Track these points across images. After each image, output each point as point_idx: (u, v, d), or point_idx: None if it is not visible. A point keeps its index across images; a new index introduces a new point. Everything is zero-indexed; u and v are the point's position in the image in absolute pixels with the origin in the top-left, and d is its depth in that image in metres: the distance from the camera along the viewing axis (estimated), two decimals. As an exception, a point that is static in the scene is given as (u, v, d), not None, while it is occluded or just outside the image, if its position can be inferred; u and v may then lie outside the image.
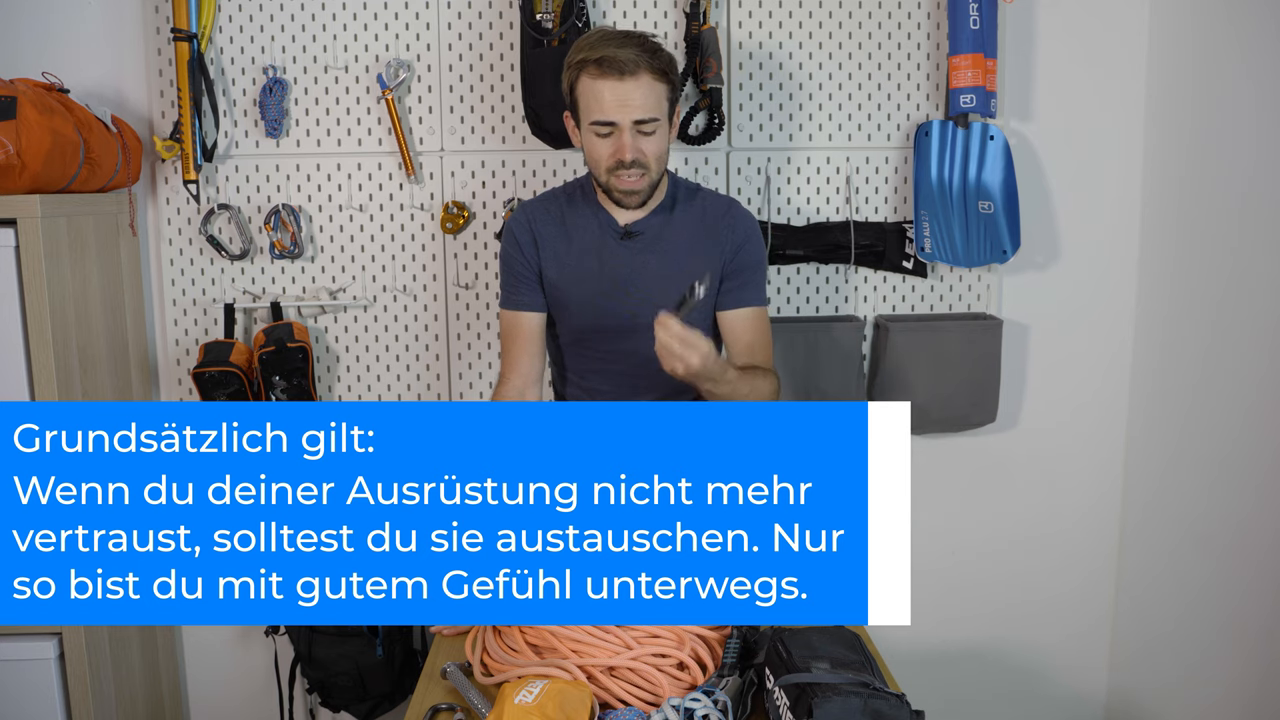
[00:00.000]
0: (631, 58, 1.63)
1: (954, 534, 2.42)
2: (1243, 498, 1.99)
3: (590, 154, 1.72)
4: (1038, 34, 2.26)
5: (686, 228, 1.79)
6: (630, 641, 1.43)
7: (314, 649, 2.18)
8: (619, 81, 1.63)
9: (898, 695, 1.27)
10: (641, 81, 1.64)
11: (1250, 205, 1.96)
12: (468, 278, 2.27)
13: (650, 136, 1.68)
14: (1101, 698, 2.50)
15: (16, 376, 1.87)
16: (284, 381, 2.16)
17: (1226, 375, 2.04)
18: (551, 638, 1.45)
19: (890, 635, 2.34)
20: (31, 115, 1.81)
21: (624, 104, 1.64)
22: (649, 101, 1.65)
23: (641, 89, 1.64)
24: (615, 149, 1.67)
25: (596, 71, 1.65)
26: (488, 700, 1.44)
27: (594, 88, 1.65)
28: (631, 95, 1.64)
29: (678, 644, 1.44)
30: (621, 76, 1.63)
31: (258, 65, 2.20)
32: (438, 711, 1.45)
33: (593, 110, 1.67)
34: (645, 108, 1.65)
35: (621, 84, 1.64)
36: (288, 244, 2.23)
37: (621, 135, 1.66)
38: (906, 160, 2.26)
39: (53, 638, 1.95)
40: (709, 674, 1.45)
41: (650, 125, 1.67)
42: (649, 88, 1.65)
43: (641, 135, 1.67)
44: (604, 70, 1.64)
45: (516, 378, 1.83)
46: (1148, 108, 2.28)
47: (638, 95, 1.64)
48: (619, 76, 1.63)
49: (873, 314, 2.32)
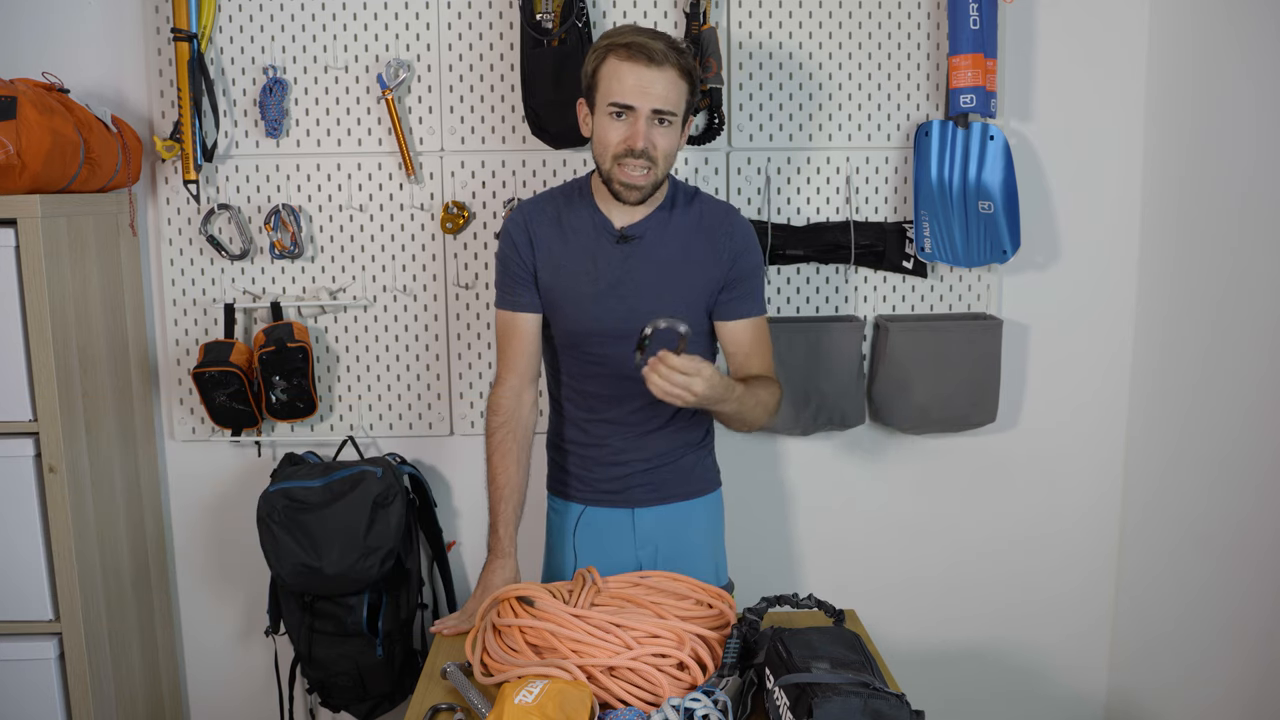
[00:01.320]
0: (661, 49, 1.64)
1: (954, 534, 2.42)
2: (1243, 498, 1.99)
3: (600, 138, 1.71)
4: (1038, 34, 2.26)
5: (683, 232, 1.79)
6: (630, 641, 1.43)
7: (314, 649, 2.18)
8: (646, 68, 1.64)
9: (898, 695, 1.27)
10: (667, 74, 1.65)
11: (1250, 205, 1.96)
12: (468, 278, 2.27)
13: (664, 130, 1.68)
14: (1101, 698, 2.50)
15: (16, 376, 1.87)
16: (284, 381, 2.16)
17: (1226, 375, 2.04)
18: (551, 638, 1.45)
19: (890, 635, 2.35)
20: (31, 115, 1.81)
21: (646, 91, 1.64)
22: (671, 95, 1.66)
23: (666, 80, 1.65)
24: (628, 134, 1.67)
25: (625, 54, 1.65)
26: (488, 700, 1.44)
27: (619, 70, 1.65)
28: (655, 84, 1.64)
29: (678, 644, 1.44)
30: (650, 63, 1.64)
31: (258, 65, 2.20)
32: (438, 711, 1.45)
33: (613, 91, 1.66)
34: (666, 99, 1.66)
35: (648, 70, 1.64)
36: (288, 244, 2.22)
37: (637, 122, 1.66)
38: (906, 160, 2.26)
39: (53, 638, 1.95)
40: (709, 674, 1.45)
41: (667, 118, 1.67)
42: (673, 82, 1.66)
43: (656, 127, 1.67)
44: (633, 54, 1.64)
45: (513, 378, 1.83)
46: (1148, 108, 2.28)
47: (661, 85, 1.65)
48: (647, 63, 1.64)
49: (873, 314, 2.31)
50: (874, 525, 2.42)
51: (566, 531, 1.89)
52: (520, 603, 1.52)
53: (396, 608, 2.20)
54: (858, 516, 2.41)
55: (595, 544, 1.86)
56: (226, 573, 2.38)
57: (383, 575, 2.11)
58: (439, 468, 2.37)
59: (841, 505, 2.41)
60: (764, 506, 2.37)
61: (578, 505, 1.88)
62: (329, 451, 2.29)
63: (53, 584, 1.94)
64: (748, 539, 2.27)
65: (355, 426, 2.32)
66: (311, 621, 2.16)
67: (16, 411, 1.89)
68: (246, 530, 2.19)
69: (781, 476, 2.40)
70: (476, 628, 1.59)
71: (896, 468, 2.39)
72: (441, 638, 1.71)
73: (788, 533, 2.41)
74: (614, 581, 1.62)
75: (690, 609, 1.56)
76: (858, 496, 2.40)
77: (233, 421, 2.20)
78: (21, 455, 1.90)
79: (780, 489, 2.40)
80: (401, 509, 2.11)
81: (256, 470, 2.33)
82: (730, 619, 1.57)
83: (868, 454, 2.39)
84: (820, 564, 2.43)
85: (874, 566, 2.42)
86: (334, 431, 2.32)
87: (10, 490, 1.91)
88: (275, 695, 2.36)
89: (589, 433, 1.85)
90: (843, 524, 2.41)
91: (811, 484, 2.40)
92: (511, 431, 1.81)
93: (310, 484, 2.10)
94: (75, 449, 1.95)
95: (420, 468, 2.32)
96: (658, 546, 1.85)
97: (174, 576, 2.39)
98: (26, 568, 1.93)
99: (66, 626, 1.95)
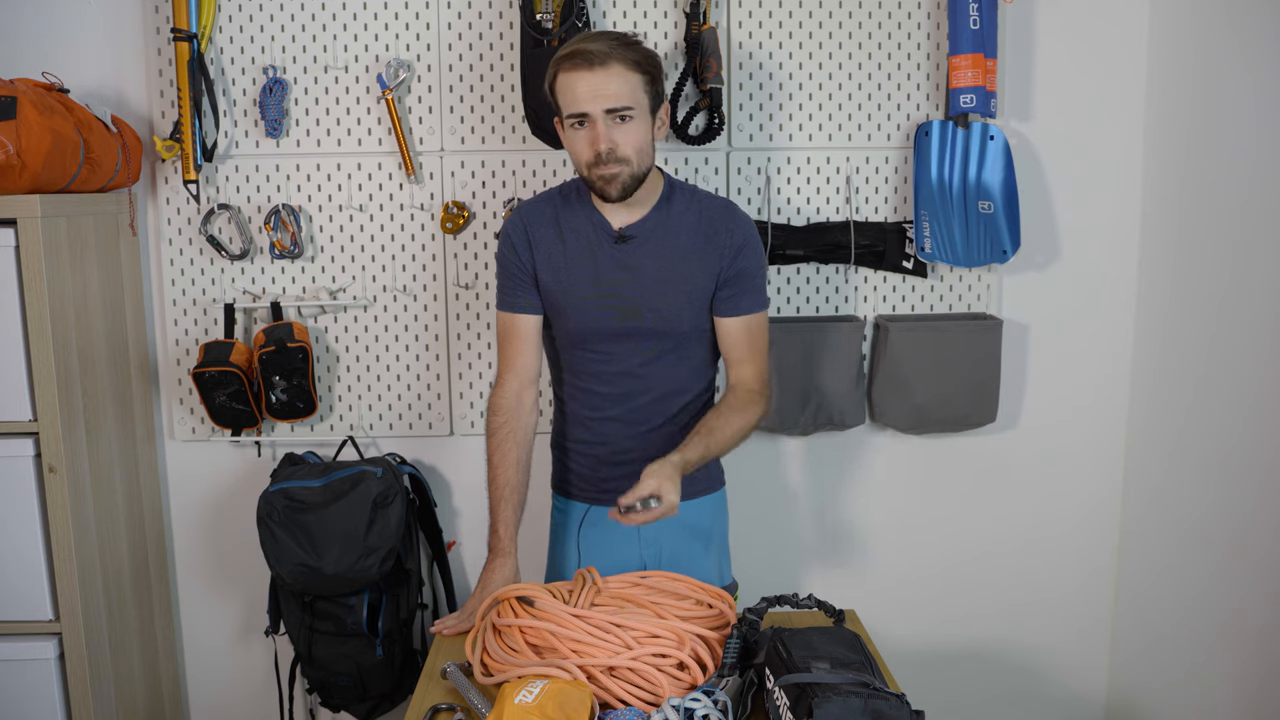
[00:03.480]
0: (602, 49, 1.64)
1: (954, 534, 2.42)
2: (1243, 498, 1.99)
3: (571, 151, 1.73)
4: (1038, 34, 2.26)
5: (683, 230, 1.79)
6: (630, 641, 1.43)
7: (314, 649, 2.18)
8: (589, 72, 1.64)
9: (898, 695, 1.27)
10: (612, 71, 1.64)
11: (1250, 205, 1.96)
12: (468, 278, 2.27)
13: (625, 127, 1.67)
14: (1101, 698, 2.50)
15: (16, 376, 1.87)
16: (284, 381, 2.16)
17: (1227, 375, 2.04)
18: (551, 638, 1.45)
19: (890, 635, 2.35)
20: (31, 115, 1.81)
21: (595, 94, 1.65)
22: (622, 90, 1.65)
23: (613, 78, 1.65)
24: (590, 140, 1.67)
25: (569, 65, 1.66)
26: (488, 700, 1.44)
27: (568, 81, 1.67)
28: (603, 85, 1.64)
29: (678, 644, 1.44)
30: (591, 67, 1.64)
31: (258, 65, 2.20)
32: (438, 711, 1.45)
33: (568, 104, 1.68)
34: (618, 96, 1.65)
35: (592, 74, 1.64)
36: (288, 244, 2.22)
37: (595, 126, 1.66)
38: (906, 160, 2.26)
39: (53, 638, 1.95)
40: (709, 674, 1.45)
41: (624, 114, 1.66)
42: (621, 77, 1.65)
43: (615, 125, 1.67)
44: (575, 63, 1.65)
45: (513, 378, 1.83)
46: (1148, 107, 2.28)
47: (610, 85, 1.65)
48: (589, 67, 1.64)
49: (873, 314, 2.31)
50: (874, 525, 2.41)
51: (570, 530, 1.89)
52: (520, 603, 1.52)
53: (396, 608, 2.20)
54: (858, 517, 2.41)
55: (599, 543, 1.86)
56: (226, 573, 2.38)
57: (383, 575, 2.11)
58: (439, 468, 2.37)
59: (841, 505, 2.41)
60: (763, 506, 2.37)
61: (582, 504, 1.88)
62: (329, 451, 2.29)
63: (53, 584, 1.94)
64: (747, 539, 2.26)
65: (355, 426, 2.32)
66: (311, 621, 2.16)
67: (16, 411, 1.89)
68: (246, 530, 2.19)
69: (781, 476, 2.40)
70: (476, 628, 1.59)
71: (896, 468, 2.39)
72: (441, 638, 1.71)
73: (787, 533, 2.41)
74: (614, 581, 1.62)
75: (690, 609, 1.56)
76: (858, 497, 2.40)
77: (233, 421, 2.20)
78: (21, 455, 1.90)
79: (780, 489, 2.40)
80: (401, 509, 2.11)
81: (256, 470, 2.33)
82: (730, 619, 1.57)
83: (868, 454, 2.39)
84: (820, 564, 2.43)
85: (874, 566, 2.42)
86: (334, 431, 2.32)
87: (10, 490, 1.91)
88: (275, 695, 2.36)
89: (593, 431, 1.85)
90: (842, 524, 2.41)
91: (811, 484, 2.40)
92: (512, 432, 1.81)
93: (310, 484, 2.10)
94: (75, 449, 1.95)
95: (420, 468, 2.32)
96: (662, 546, 1.85)
97: (174, 576, 2.39)
98: (26, 568, 1.93)
99: (66, 626, 1.95)
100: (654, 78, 1.70)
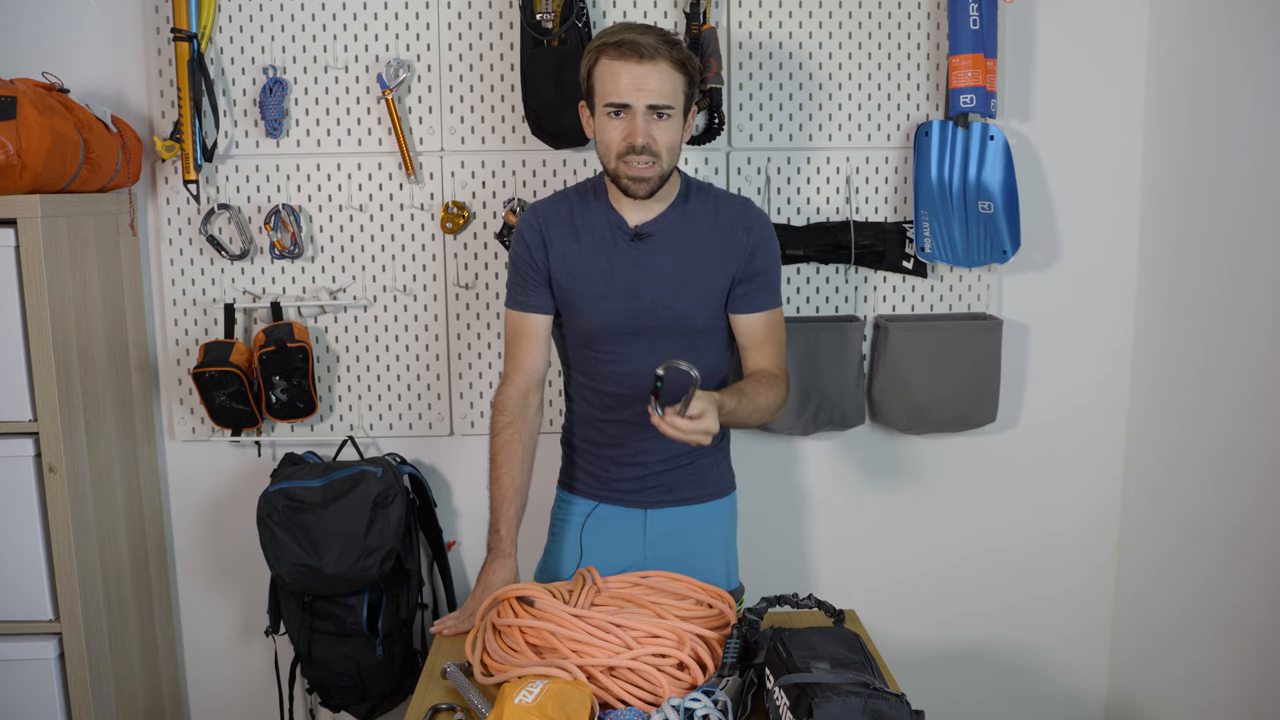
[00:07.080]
0: (651, 44, 1.64)
1: (954, 534, 2.42)
2: (1243, 496, 1.99)
3: (601, 139, 1.71)
4: (1038, 34, 2.26)
5: (699, 228, 1.78)
6: (630, 641, 1.43)
7: (314, 649, 2.18)
8: (637, 64, 1.64)
9: (898, 695, 1.27)
10: (659, 67, 1.64)
11: (1250, 205, 1.96)
12: (468, 278, 2.27)
13: (662, 124, 1.67)
14: (1101, 698, 2.50)
15: (16, 376, 1.88)
16: (284, 381, 2.16)
17: (1226, 374, 2.04)
18: (551, 638, 1.45)
19: (890, 635, 2.35)
20: (31, 115, 1.81)
21: (640, 87, 1.65)
22: (665, 88, 1.66)
23: (659, 74, 1.65)
24: (627, 132, 1.67)
25: (615, 54, 1.65)
26: (488, 700, 1.44)
27: (611, 69, 1.66)
28: (648, 79, 1.64)
29: (678, 644, 1.44)
30: (640, 59, 1.64)
31: (258, 65, 2.20)
32: (438, 711, 1.45)
33: (608, 92, 1.67)
34: (661, 93, 1.65)
35: (640, 67, 1.64)
36: (288, 244, 2.22)
37: (634, 119, 1.66)
38: (906, 160, 2.26)
39: (53, 638, 1.96)
40: (709, 674, 1.45)
41: (663, 111, 1.67)
42: (666, 75, 1.65)
43: (655, 122, 1.67)
44: (623, 52, 1.64)
45: (520, 378, 1.82)
46: (1147, 108, 2.28)
47: (654, 80, 1.65)
48: (638, 59, 1.64)
49: (873, 314, 2.31)
50: (874, 525, 2.42)
51: (574, 526, 1.89)
52: (520, 603, 1.52)
53: (396, 608, 2.20)
54: (858, 516, 2.41)
55: (603, 541, 1.86)
56: (226, 573, 2.38)
57: (383, 575, 2.11)
58: (439, 468, 2.37)
59: (841, 505, 2.41)
60: (763, 506, 2.37)
61: (590, 501, 1.88)
62: (329, 451, 2.29)
63: (53, 584, 1.94)
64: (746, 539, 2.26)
65: (355, 426, 2.32)
66: (311, 621, 2.16)
67: (16, 411, 1.89)
68: (246, 530, 2.19)
69: (781, 476, 2.40)
70: (476, 628, 1.60)
71: (897, 468, 2.39)
72: (441, 638, 1.71)
73: (787, 533, 2.41)
74: (614, 581, 1.62)
75: (690, 609, 1.56)
76: (858, 496, 2.40)
77: (233, 421, 2.20)
78: (21, 455, 1.90)
79: (780, 489, 2.40)
80: (401, 509, 2.11)
81: (256, 470, 2.33)
82: (730, 619, 1.57)
83: (868, 454, 2.39)
84: (820, 564, 2.43)
85: (874, 566, 2.42)
86: (334, 431, 2.32)
87: (10, 490, 1.91)
88: (275, 695, 2.36)
89: (605, 432, 1.84)
90: (843, 524, 2.41)
91: (811, 484, 2.40)
92: (518, 432, 1.80)
93: (310, 484, 2.10)
94: (75, 449, 1.95)
95: (420, 468, 2.32)
96: (669, 548, 1.84)
97: (174, 576, 2.39)
98: (26, 568, 1.93)
99: (66, 626, 1.95)
100: (691, 80, 1.71)
